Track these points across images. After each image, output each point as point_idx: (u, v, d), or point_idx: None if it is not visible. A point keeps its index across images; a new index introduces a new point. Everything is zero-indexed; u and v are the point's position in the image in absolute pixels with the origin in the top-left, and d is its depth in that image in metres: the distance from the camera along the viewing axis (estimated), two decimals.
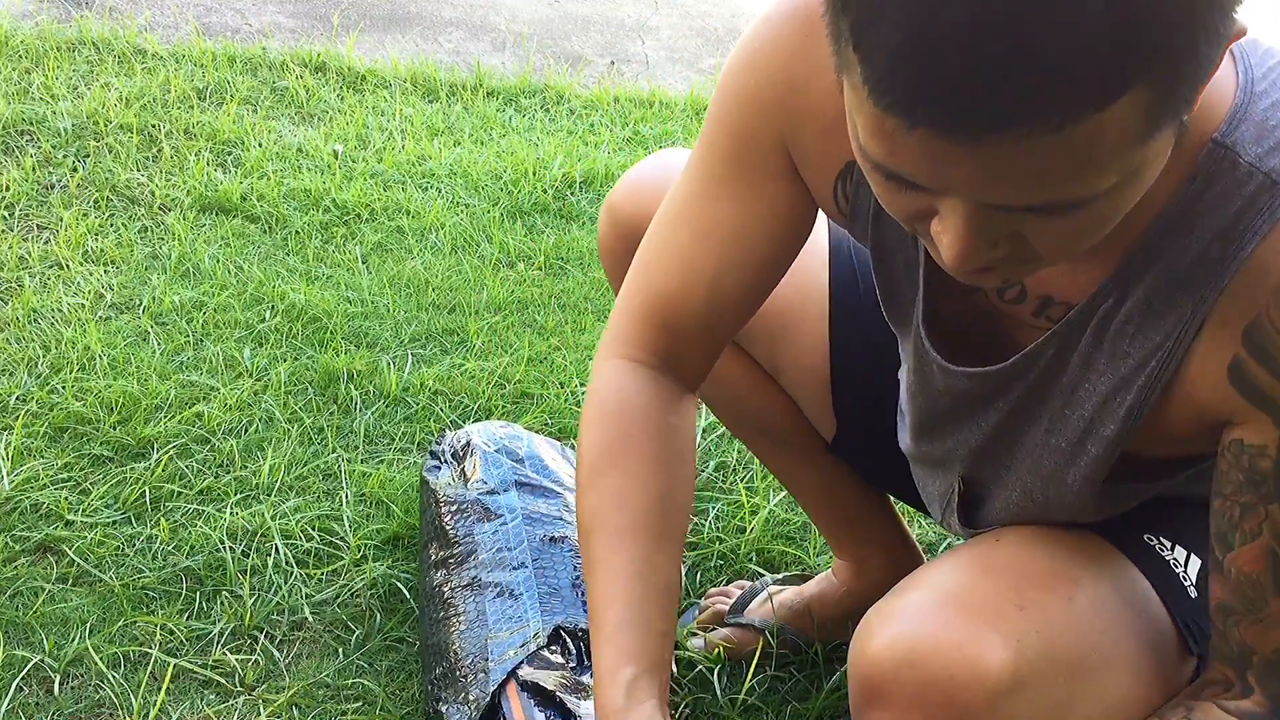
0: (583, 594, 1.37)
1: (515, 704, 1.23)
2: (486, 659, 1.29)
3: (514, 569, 1.40)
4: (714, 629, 1.49)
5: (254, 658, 1.41)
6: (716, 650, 1.45)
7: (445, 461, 1.59)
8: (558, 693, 1.23)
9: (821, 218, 1.21)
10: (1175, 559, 1.03)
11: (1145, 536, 1.04)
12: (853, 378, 1.29)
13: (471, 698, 1.27)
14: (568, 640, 1.31)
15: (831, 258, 1.29)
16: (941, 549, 1.68)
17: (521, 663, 1.27)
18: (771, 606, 1.48)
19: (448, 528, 1.48)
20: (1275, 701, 0.90)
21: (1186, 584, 1.01)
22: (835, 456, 1.38)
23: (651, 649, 1.00)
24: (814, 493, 1.45)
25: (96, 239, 2.23)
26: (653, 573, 1.03)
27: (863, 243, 1.04)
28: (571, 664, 1.29)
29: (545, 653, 1.29)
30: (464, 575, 1.41)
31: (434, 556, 1.46)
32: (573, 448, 1.75)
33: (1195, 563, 1.02)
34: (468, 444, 1.59)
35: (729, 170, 1.04)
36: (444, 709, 1.28)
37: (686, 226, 1.07)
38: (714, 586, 1.58)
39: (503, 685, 1.26)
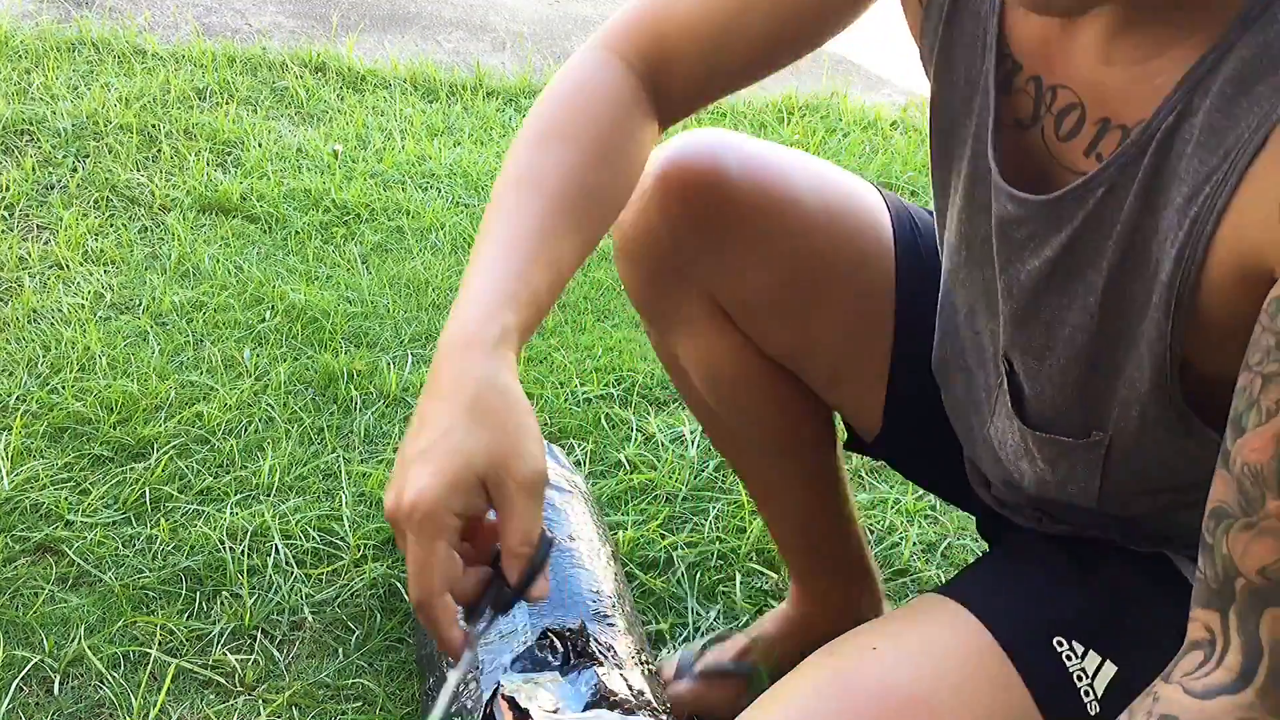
0: (569, 594, 1.36)
1: (508, 716, 1.23)
2: (477, 668, 1.29)
3: None
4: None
5: (254, 658, 1.41)
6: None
7: None
8: (531, 713, 1.22)
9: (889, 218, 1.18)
10: (1083, 669, 0.97)
11: (1056, 640, 0.98)
12: (912, 367, 1.20)
13: (467, 708, 1.26)
14: (556, 642, 1.31)
15: (896, 241, 1.21)
16: (927, 550, 1.68)
17: (506, 670, 1.27)
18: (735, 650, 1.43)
19: None
20: (1250, 656, 0.75)
21: (1088, 699, 0.96)
22: (870, 455, 1.32)
23: (531, 309, 0.93)
24: (791, 511, 1.40)
25: (96, 239, 2.23)
26: (557, 243, 0.95)
27: (929, 53, 0.97)
28: (558, 663, 1.29)
29: (535, 650, 1.29)
30: None
31: None
32: (563, 448, 1.75)
33: (1109, 670, 0.97)
34: None
35: None
36: None
37: None
38: (708, 596, 1.58)
39: (494, 695, 1.26)
